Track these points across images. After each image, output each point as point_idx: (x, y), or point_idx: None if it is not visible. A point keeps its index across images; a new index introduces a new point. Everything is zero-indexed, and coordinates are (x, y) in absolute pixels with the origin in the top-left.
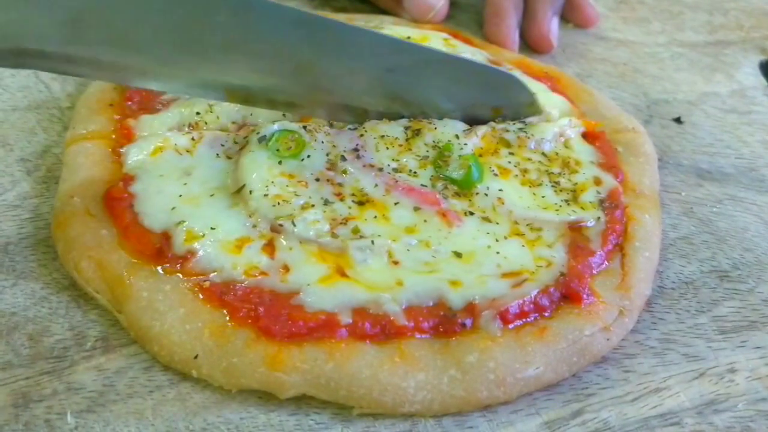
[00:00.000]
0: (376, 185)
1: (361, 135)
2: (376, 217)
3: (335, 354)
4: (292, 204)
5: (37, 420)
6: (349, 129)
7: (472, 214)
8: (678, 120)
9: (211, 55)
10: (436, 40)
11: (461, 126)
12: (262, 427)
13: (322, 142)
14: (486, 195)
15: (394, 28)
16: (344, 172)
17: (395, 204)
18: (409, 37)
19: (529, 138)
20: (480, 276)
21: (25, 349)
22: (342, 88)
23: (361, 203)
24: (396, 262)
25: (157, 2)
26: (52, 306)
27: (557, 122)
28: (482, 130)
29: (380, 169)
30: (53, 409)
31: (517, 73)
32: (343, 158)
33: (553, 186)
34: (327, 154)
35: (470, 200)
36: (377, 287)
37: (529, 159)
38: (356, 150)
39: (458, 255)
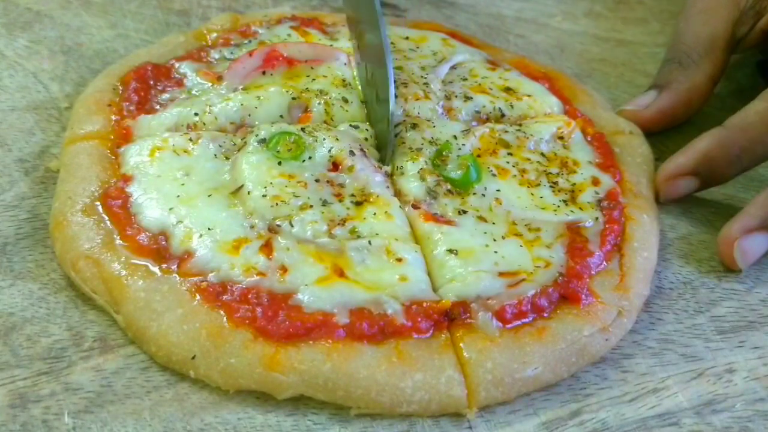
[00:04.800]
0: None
1: (366, 138)
2: (376, 214)
3: (333, 354)
4: (290, 204)
5: (34, 420)
6: (351, 126)
7: (465, 212)
8: None
9: None
10: (434, 39)
11: (459, 126)
12: (259, 428)
13: (324, 139)
14: (483, 195)
15: (392, 29)
16: (351, 168)
17: None
18: (407, 38)
19: (527, 138)
20: (476, 272)
21: (23, 350)
22: None
23: (359, 203)
24: (399, 260)
25: None
26: (50, 306)
27: (554, 122)
28: (480, 130)
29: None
30: (51, 409)
31: (516, 74)
32: (352, 153)
33: (551, 186)
34: (329, 150)
35: (462, 198)
36: (378, 287)
37: (528, 159)
38: (362, 149)
39: (453, 252)
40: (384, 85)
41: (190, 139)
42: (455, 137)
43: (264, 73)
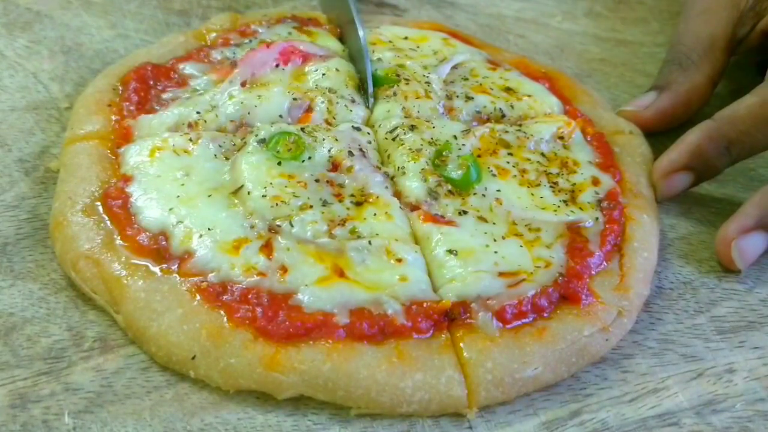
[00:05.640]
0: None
1: (369, 142)
2: (376, 214)
3: (333, 354)
4: (290, 205)
5: (34, 420)
6: (353, 127)
7: (465, 213)
8: None
9: None
10: (435, 39)
11: (459, 126)
12: (259, 428)
13: (324, 140)
14: (484, 195)
15: (391, 29)
16: (350, 169)
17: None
18: (407, 37)
19: (528, 138)
20: (476, 272)
21: (23, 350)
22: None
23: (359, 203)
24: (399, 260)
25: None
26: (50, 306)
27: (554, 122)
28: (480, 130)
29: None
30: (51, 409)
31: (516, 74)
32: (351, 153)
33: (551, 186)
34: (329, 150)
35: (463, 199)
36: (378, 287)
37: (528, 159)
38: (361, 150)
39: (453, 252)
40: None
41: (190, 139)
42: (455, 137)
43: (277, 66)
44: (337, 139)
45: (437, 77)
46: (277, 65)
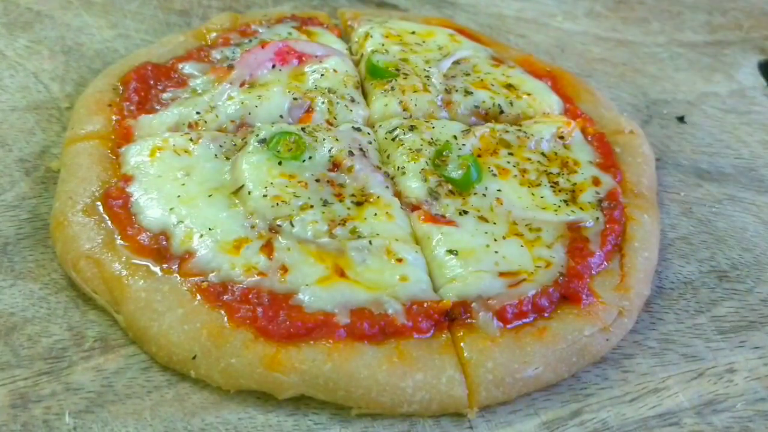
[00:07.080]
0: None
1: (369, 142)
2: (376, 214)
3: (333, 354)
4: (290, 205)
5: (35, 420)
6: (354, 128)
7: (466, 213)
8: (681, 119)
9: None
10: (441, 35)
11: (459, 126)
12: (260, 428)
13: (324, 140)
14: (484, 195)
15: (400, 23)
16: (350, 169)
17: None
18: (414, 32)
19: (528, 138)
20: (476, 272)
21: (24, 350)
22: None
23: (359, 203)
24: (400, 260)
25: None
26: (51, 306)
27: (553, 123)
28: (480, 130)
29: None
30: (51, 409)
31: (519, 71)
32: (351, 153)
33: (552, 186)
34: (330, 150)
35: (464, 198)
36: (379, 287)
37: (529, 159)
38: (362, 150)
39: (454, 252)
40: None
41: (191, 139)
42: (455, 137)
43: (273, 67)
44: (337, 139)
45: (437, 71)
46: (273, 66)
